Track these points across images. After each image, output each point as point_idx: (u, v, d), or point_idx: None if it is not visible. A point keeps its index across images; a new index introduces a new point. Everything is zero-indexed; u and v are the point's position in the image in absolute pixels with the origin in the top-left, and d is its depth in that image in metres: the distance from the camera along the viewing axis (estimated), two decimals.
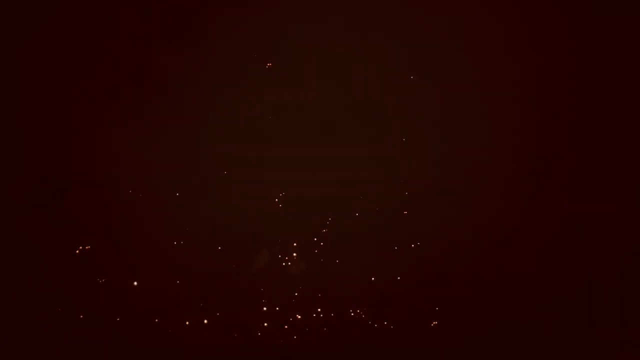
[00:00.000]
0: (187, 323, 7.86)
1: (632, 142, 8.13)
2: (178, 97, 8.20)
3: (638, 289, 7.88)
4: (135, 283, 7.90)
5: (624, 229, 7.99)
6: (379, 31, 8.35)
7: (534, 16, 8.30)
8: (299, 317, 7.94)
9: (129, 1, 8.23)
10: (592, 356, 7.76)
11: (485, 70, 8.27)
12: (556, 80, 8.27)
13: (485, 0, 8.31)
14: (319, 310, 7.96)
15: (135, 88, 8.17)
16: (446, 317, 7.95)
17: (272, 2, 8.31)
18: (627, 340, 7.77)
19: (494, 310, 7.91)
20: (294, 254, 8.10)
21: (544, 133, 8.20)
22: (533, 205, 8.10)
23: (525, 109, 8.23)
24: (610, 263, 7.95)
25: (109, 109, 8.14)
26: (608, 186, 8.08)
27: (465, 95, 8.26)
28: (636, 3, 8.18)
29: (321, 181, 8.21)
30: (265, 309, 7.94)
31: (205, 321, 7.88)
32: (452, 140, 8.24)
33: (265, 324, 7.90)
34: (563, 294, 7.92)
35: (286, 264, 8.08)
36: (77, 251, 7.92)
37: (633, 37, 8.19)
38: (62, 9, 8.16)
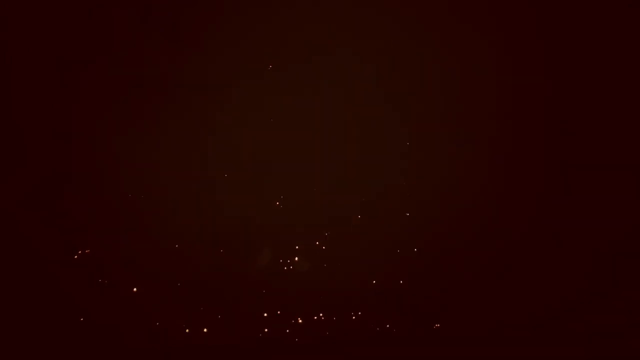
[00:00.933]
0: (187, 328, 7.81)
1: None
2: (179, 98, 8.20)
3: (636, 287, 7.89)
4: (136, 284, 7.85)
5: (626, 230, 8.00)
6: (382, 31, 8.38)
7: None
8: (301, 320, 7.89)
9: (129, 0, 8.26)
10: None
11: (486, 70, 8.29)
12: (557, 82, 8.30)
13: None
14: (321, 314, 7.91)
15: (135, 88, 8.17)
16: (448, 320, 7.90)
17: (273, 2, 8.35)
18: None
19: (498, 313, 7.87)
20: (296, 257, 8.06)
21: (550, 134, 8.20)
22: (540, 208, 8.08)
23: (530, 109, 8.23)
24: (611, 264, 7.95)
25: (109, 109, 8.15)
26: (616, 186, 8.09)
27: (472, 96, 8.26)
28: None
29: (323, 183, 8.20)
30: (266, 313, 7.89)
31: (206, 325, 7.82)
32: (456, 142, 8.23)
33: (267, 326, 7.84)
34: (567, 295, 7.89)
35: (287, 266, 8.04)
36: (76, 256, 7.89)
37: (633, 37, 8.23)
38: (61, 6, 8.18)
